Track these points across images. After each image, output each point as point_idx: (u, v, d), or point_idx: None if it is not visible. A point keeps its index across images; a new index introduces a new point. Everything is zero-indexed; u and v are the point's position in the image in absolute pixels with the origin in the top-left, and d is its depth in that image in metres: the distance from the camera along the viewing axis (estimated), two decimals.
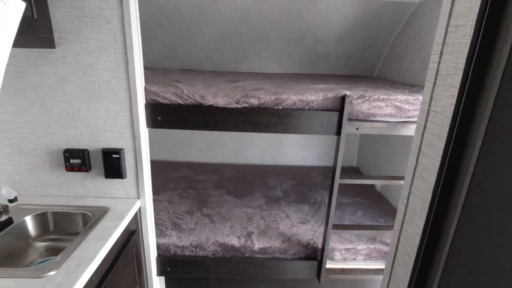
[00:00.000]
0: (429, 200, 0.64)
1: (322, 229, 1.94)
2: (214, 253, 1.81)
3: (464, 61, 0.55)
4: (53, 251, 1.39)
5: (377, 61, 2.64)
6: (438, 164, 0.62)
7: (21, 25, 0.97)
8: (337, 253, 1.85)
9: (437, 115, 0.63)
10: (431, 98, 0.66)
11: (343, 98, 1.49)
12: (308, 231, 1.95)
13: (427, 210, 0.65)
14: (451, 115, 0.58)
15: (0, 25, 0.92)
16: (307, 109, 1.52)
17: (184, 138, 3.01)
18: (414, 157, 0.71)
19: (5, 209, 1.27)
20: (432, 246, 0.65)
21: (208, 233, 1.88)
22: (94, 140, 1.45)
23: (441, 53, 0.63)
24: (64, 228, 1.44)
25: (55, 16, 1.26)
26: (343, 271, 1.84)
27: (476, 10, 0.53)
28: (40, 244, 1.40)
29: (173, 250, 1.79)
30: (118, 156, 1.45)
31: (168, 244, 1.79)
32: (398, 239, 0.77)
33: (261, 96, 1.49)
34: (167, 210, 2.11)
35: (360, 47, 2.49)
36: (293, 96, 1.50)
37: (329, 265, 1.82)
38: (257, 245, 1.81)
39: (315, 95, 1.50)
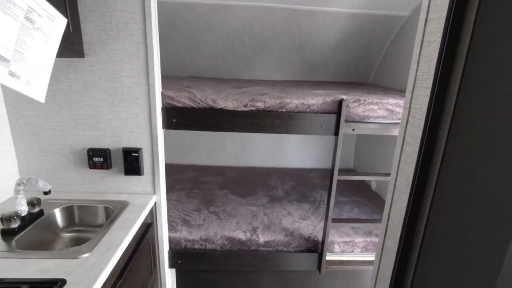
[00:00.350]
0: (411, 180, 0.80)
1: (321, 224, 2.09)
2: (222, 247, 1.94)
3: (434, 68, 0.72)
4: (78, 242, 1.52)
5: (371, 69, 2.83)
6: (417, 150, 0.78)
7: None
8: (336, 246, 1.99)
9: (416, 111, 0.80)
10: (411, 98, 0.82)
11: (340, 102, 1.66)
12: (309, 226, 2.09)
13: (409, 188, 0.81)
14: (425, 110, 0.74)
15: (49, 37, 1.08)
16: (308, 111, 1.69)
17: (188, 142, 3.16)
18: (400, 145, 0.87)
19: (38, 202, 1.40)
20: (415, 217, 0.80)
21: (216, 228, 2.01)
22: (115, 140, 1.60)
23: (418, 63, 0.79)
24: (88, 221, 1.57)
25: (85, 30, 1.42)
26: (342, 262, 1.98)
27: (441, 30, 0.70)
28: (66, 235, 1.53)
29: (183, 244, 1.93)
30: (137, 154, 1.60)
31: (179, 238, 1.92)
32: (389, 215, 0.92)
33: (267, 100, 1.66)
34: (176, 208, 2.25)
35: (355, 56, 2.68)
36: (295, 100, 1.66)
37: (328, 257, 1.96)
38: (262, 239, 1.95)
39: (315, 99, 1.67)
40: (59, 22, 1.13)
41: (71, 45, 1.34)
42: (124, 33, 1.44)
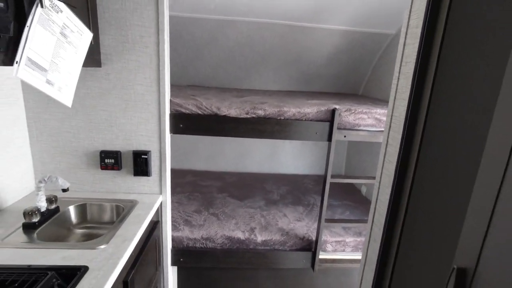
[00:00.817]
0: (393, 175, 0.96)
1: (315, 225, 2.23)
2: (222, 245, 2.06)
3: (410, 83, 0.88)
4: (89, 237, 1.62)
5: (361, 81, 3.03)
6: (397, 150, 0.94)
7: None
8: (328, 245, 2.13)
9: (396, 118, 0.96)
10: (393, 107, 0.98)
11: (333, 111, 1.83)
12: (303, 227, 2.23)
13: (392, 182, 0.96)
14: (404, 117, 0.91)
15: (78, 49, 1.22)
16: (304, 119, 1.85)
17: (188, 148, 3.29)
18: (384, 147, 1.03)
19: (55, 199, 1.51)
20: (396, 206, 0.95)
21: (216, 228, 2.14)
22: (126, 143, 1.73)
23: (398, 78, 0.96)
24: (99, 218, 1.68)
25: (104, 41, 1.57)
26: (334, 261, 2.12)
27: (416, 53, 0.87)
28: (79, 231, 1.64)
29: (186, 242, 2.04)
30: (146, 157, 1.73)
31: (181, 237, 2.04)
32: (375, 208, 1.08)
33: (267, 108, 1.81)
34: (178, 210, 2.36)
35: (346, 69, 2.87)
36: (292, 109, 1.82)
37: (322, 255, 2.10)
38: (259, 238, 2.08)
39: (311, 108, 1.84)
40: (86, 36, 1.27)
41: (92, 56, 1.48)
42: (139, 45, 1.59)
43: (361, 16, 2.35)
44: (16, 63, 0.93)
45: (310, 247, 2.10)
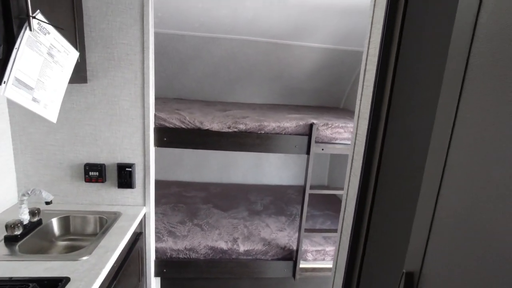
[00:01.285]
0: (357, 188, 1.04)
1: (297, 235, 2.29)
2: (205, 255, 2.10)
3: (369, 104, 0.98)
4: (72, 249, 1.63)
5: (342, 95, 3.16)
6: (361, 164, 1.03)
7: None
8: (309, 254, 2.20)
9: (360, 136, 1.05)
10: (357, 126, 1.08)
11: (311, 125, 1.93)
12: (285, 237, 2.29)
13: (356, 195, 1.05)
14: (365, 135, 1.00)
15: (64, 67, 1.28)
16: (283, 133, 1.94)
17: (173, 160, 3.33)
18: (350, 161, 1.12)
19: (38, 211, 1.54)
20: (361, 216, 1.04)
21: (199, 238, 2.18)
22: (111, 156, 1.77)
23: (360, 100, 1.06)
24: (82, 230, 1.71)
25: (90, 59, 1.63)
26: (314, 269, 2.18)
27: (373, 78, 0.97)
28: (61, 243, 1.66)
29: (169, 253, 2.07)
30: (130, 169, 1.78)
31: (165, 248, 2.07)
32: (343, 218, 1.16)
33: (248, 122, 1.90)
34: (162, 221, 2.40)
35: (327, 83, 3.00)
36: (272, 123, 1.91)
37: (302, 264, 2.16)
38: (242, 248, 2.13)
39: (290, 123, 1.93)
40: (73, 55, 1.34)
41: (78, 73, 1.54)
42: (124, 62, 1.65)
43: (339, 34, 2.48)
44: (4, 83, 0.99)
45: (291, 256, 2.17)
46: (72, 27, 1.45)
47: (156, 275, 2.05)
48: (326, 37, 2.51)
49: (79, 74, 1.57)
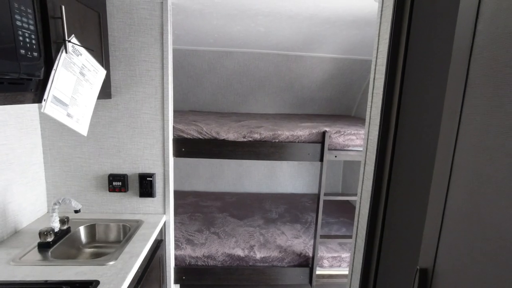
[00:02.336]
0: (370, 191, 1.09)
1: (312, 242, 2.32)
2: (223, 263, 2.15)
3: (380, 112, 1.04)
4: (97, 256, 1.72)
5: (353, 104, 3.21)
6: (373, 168, 1.08)
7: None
8: (325, 261, 2.22)
9: (371, 141, 1.10)
10: (368, 132, 1.13)
11: (324, 133, 1.98)
12: (301, 244, 2.32)
13: (369, 197, 1.09)
14: (376, 140, 1.05)
15: (93, 85, 1.39)
16: (297, 141, 2.00)
17: (189, 170, 3.42)
18: (363, 166, 1.17)
19: (67, 220, 1.63)
20: (375, 218, 1.08)
21: (217, 246, 2.23)
22: (133, 166, 1.87)
23: (371, 107, 1.12)
24: (107, 238, 1.79)
25: (114, 76, 1.75)
26: (330, 276, 2.20)
27: (382, 86, 1.03)
28: (88, 250, 1.74)
29: (188, 261, 2.13)
30: (151, 179, 1.87)
31: (184, 255, 2.13)
32: (358, 221, 1.20)
33: (262, 132, 1.97)
34: (180, 229, 2.47)
35: (338, 92, 3.06)
36: (286, 132, 1.98)
37: (319, 271, 2.18)
38: (258, 255, 2.17)
39: (303, 131, 1.99)
40: (101, 74, 1.45)
41: (104, 89, 1.65)
42: (145, 78, 1.77)
43: (348, 44, 2.55)
44: (44, 100, 1.09)
45: (307, 263, 2.19)
46: (99, 48, 1.57)
47: (176, 282, 2.10)
48: (336, 48, 2.59)
49: (105, 90, 1.69)
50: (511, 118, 0.53)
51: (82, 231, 1.74)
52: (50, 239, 1.49)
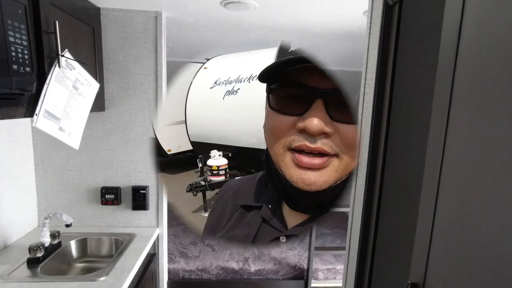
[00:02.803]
0: (362, 204, 1.10)
1: (307, 254, 2.31)
2: (217, 276, 2.13)
3: (369, 125, 1.05)
4: (88, 271, 1.69)
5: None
6: (364, 182, 1.09)
7: None
8: (320, 273, 2.20)
9: (362, 155, 1.12)
10: (359, 146, 1.15)
11: None
12: (295, 256, 2.31)
13: (361, 210, 1.10)
14: (367, 156, 1.06)
15: (86, 98, 1.40)
16: None
17: None
18: (354, 179, 1.18)
19: (58, 234, 1.61)
20: (367, 231, 1.08)
21: (211, 259, 2.21)
22: (126, 179, 1.86)
23: (361, 121, 1.13)
24: (98, 252, 1.77)
25: (108, 89, 1.75)
26: None
27: (372, 100, 1.05)
28: (79, 265, 1.71)
29: (181, 274, 2.10)
30: (144, 191, 1.85)
31: (177, 268, 2.11)
32: (350, 235, 1.20)
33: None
34: (174, 242, 2.44)
35: None
36: None
37: (314, 284, 2.16)
38: (253, 268, 2.15)
39: None
40: (94, 87, 1.46)
41: (97, 102, 1.65)
42: (139, 91, 1.77)
43: (341, 57, 2.60)
44: (36, 115, 1.09)
45: (302, 275, 2.17)
46: (93, 61, 1.58)
47: None
48: (328, 59, 2.62)
49: (98, 103, 1.69)
50: (494, 129, 0.54)
51: (73, 245, 1.71)
52: (40, 254, 1.47)
